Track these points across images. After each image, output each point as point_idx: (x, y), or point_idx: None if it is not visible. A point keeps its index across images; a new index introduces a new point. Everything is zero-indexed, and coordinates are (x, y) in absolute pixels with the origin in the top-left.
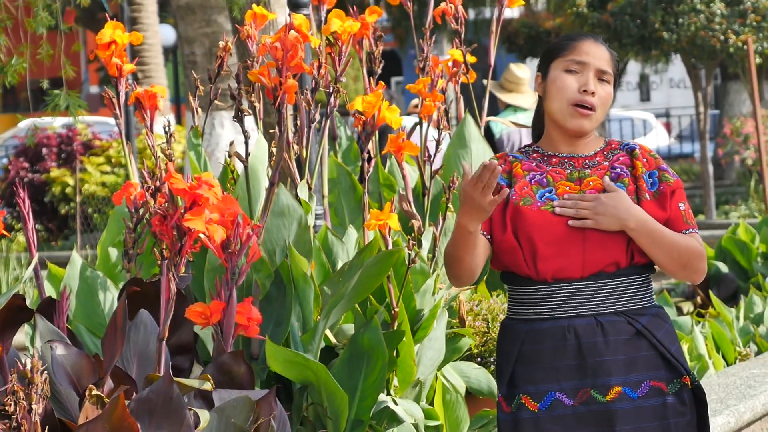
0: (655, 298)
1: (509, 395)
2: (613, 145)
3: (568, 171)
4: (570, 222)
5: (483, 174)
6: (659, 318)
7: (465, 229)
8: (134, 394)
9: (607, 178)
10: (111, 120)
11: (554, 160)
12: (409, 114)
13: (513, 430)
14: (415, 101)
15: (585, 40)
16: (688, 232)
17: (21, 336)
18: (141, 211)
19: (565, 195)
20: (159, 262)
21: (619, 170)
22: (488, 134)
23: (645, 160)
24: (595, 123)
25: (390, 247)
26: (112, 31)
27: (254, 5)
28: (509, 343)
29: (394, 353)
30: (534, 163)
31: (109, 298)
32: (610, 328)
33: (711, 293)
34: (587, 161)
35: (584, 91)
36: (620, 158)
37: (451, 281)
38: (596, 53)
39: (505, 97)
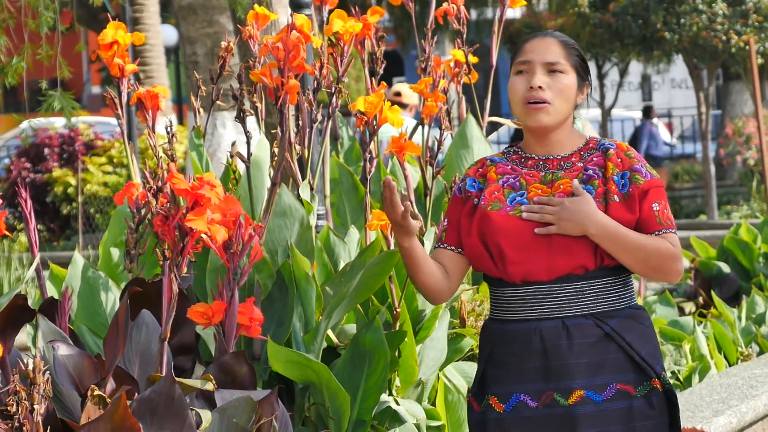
0: (635, 298)
1: (479, 395)
2: (590, 145)
3: (542, 173)
4: (536, 230)
5: (384, 192)
6: (632, 320)
7: (400, 246)
8: (136, 394)
9: (576, 181)
10: (113, 120)
11: (530, 162)
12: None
13: (480, 431)
14: (396, 88)
15: (532, 39)
16: (661, 232)
17: (23, 336)
18: (143, 212)
19: (534, 198)
20: (161, 262)
21: (591, 172)
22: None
23: (619, 160)
24: (555, 115)
25: (392, 247)
26: (114, 32)
27: (256, 5)
28: (483, 343)
29: (396, 353)
30: (510, 166)
31: (111, 298)
32: (576, 332)
33: (713, 293)
34: (562, 162)
35: (530, 88)
36: (594, 159)
37: (426, 298)
38: (540, 48)
39: None
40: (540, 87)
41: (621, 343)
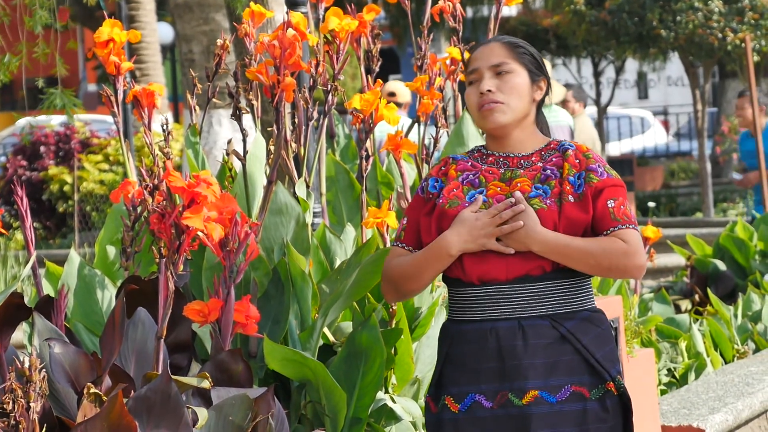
0: (594, 300)
1: (436, 396)
2: (552, 145)
3: (502, 170)
4: (490, 246)
5: (505, 213)
6: (589, 322)
7: (446, 253)
8: (132, 392)
9: (518, 193)
10: (109, 118)
11: (491, 159)
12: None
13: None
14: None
15: (477, 48)
16: (615, 229)
17: (19, 334)
18: (139, 209)
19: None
20: (157, 260)
21: (549, 172)
22: None
23: (577, 161)
24: (511, 113)
25: (388, 245)
26: (110, 29)
27: (252, 3)
28: (440, 343)
29: (392, 351)
30: (470, 163)
31: (107, 296)
32: (531, 332)
33: (709, 291)
34: (522, 161)
35: (481, 94)
36: (553, 159)
37: (390, 297)
38: (484, 54)
39: None
40: (489, 90)
41: (577, 345)
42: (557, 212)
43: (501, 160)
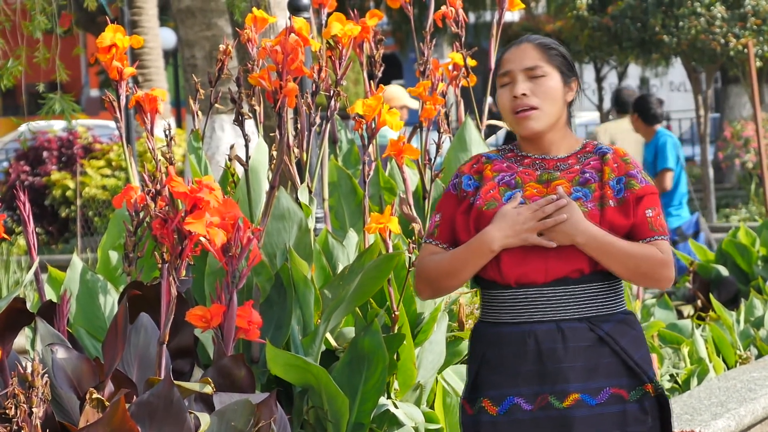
0: (625, 304)
1: (472, 398)
2: (588, 148)
3: (539, 172)
4: (530, 239)
5: (548, 207)
6: (625, 324)
7: (488, 248)
8: (135, 397)
9: (561, 189)
10: (111, 123)
11: (526, 161)
12: None
13: None
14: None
15: (509, 49)
16: (652, 239)
17: (21, 339)
18: (141, 215)
19: (536, 201)
20: (159, 265)
21: (587, 175)
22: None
23: (615, 165)
24: (546, 118)
25: (390, 250)
26: (112, 35)
27: (255, 9)
28: (475, 346)
29: (395, 357)
30: (506, 164)
31: (110, 301)
32: (571, 335)
33: (711, 296)
34: (559, 163)
35: (514, 97)
36: (591, 162)
37: (425, 295)
38: (517, 56)
39: None
40: (524, 94)
41: (614, 347)
42: (599, 216)
43: (537, 162)
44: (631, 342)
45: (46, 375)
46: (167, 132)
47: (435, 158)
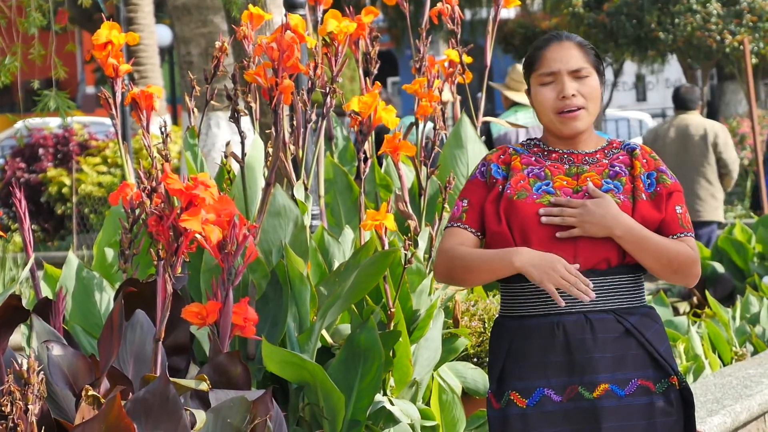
0: (646, 298)
1: (498, 392)
2: (614, 145)
3: (567, 166)
4: (558, 234)
5: (580, 281)
6: (649, 318)
7: (512, 267)
8: (130, 394)
9: (591, 184)
10: (107, 120)
11: (554, 155)
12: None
13: (502, 427)
14: None
15: (550, 46)
16: (682, 235)
17: (17, 336)
18: (137, 212)
19: (552, 199)
20: (155, 262)
21: (617, 168)
22: (487, 134)
23: (644, 160)
24: (590, 117)
25: (386, 247)
26: (108, 32)
27: (250, 5)
28: (499, 339)
29: (391, 353)
30: (533, 158)
31: (106, 298)
32: (599, 326)
33: (707, 293)
34: (587, 158)
35: (563, 97)
36: (620, 157)
37: (441, 278)
38: (563, 56)
39: (512, 95)
40: (573, 95)
41: (641, 339)
42: (631, 208)
43: (565, 156)
44: (656, 335)
45: (42, 372)
46: (163, 129)
47: (431, 155)
